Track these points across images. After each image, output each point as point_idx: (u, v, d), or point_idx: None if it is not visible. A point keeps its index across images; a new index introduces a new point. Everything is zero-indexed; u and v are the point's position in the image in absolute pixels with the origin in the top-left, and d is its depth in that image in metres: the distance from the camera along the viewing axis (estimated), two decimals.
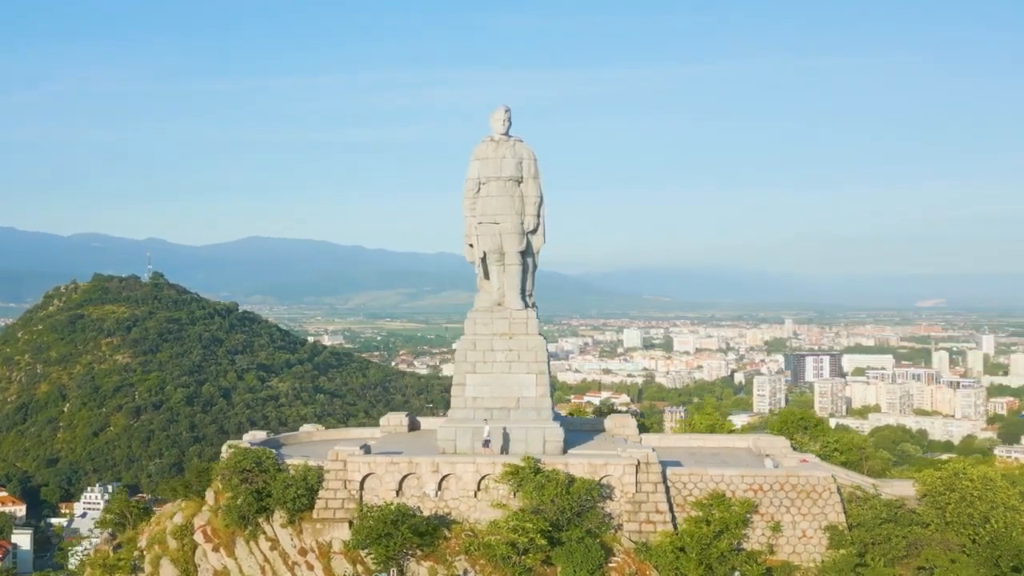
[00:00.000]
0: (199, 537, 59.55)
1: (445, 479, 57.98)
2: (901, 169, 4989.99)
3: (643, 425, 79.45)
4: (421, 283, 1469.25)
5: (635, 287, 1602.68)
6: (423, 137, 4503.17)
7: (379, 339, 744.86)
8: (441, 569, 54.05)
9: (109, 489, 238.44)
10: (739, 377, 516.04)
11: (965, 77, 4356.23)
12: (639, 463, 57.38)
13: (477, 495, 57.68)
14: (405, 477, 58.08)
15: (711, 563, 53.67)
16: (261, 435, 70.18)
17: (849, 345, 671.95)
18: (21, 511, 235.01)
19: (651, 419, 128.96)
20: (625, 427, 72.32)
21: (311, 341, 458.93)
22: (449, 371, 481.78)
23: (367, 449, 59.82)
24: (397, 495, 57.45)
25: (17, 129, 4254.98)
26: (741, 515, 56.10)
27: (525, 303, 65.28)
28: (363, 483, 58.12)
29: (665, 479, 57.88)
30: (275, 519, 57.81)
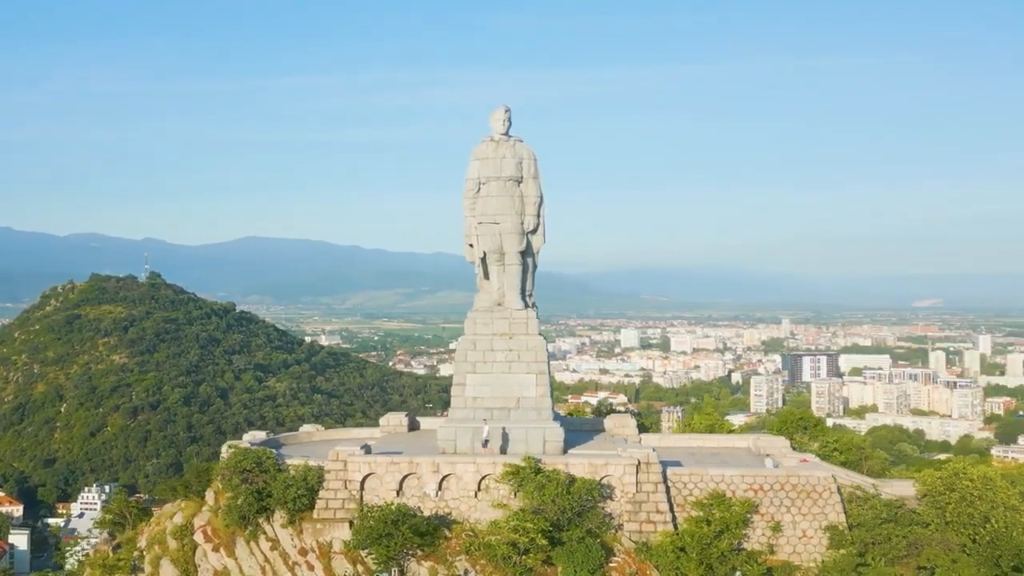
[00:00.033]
0: (199, 537, 59.52)
1: (446, 479, 58.00)
2: (901, 169, 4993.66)
3: (642, 425, 79.39)
4: (418, 283, 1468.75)
5: (634, 287, 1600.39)
6: (422, 137, 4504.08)
7: (376, 339, 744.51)
8: (442, 569, 54.07)
9: (106, 489, 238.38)
10: (736, 377, 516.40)
11: (965, 77, 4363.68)
12: (639, 463, 57.43)
13: (477, 495, 57.70)
14: (405, 477, 58.09)
15: (712, 563, 53.76)
16: (261, 435, 70.14)
17: (846, 345, 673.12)
18: (18, 511, 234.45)
19: (648, 419, 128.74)
20: (625, 427, 72.37)
21: (308, 341, 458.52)
22: (446, 371, 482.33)
23: (367, 449, 59.80)
24: (397, 495, 57.46)
25: (14, 129, 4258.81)
26: (741, 515, 56.17)
27: (525, 303, 65.30)
28: (363, 483, 58.12)
29: (665, 479, 57.93)
30: (275, 519, 57.79)
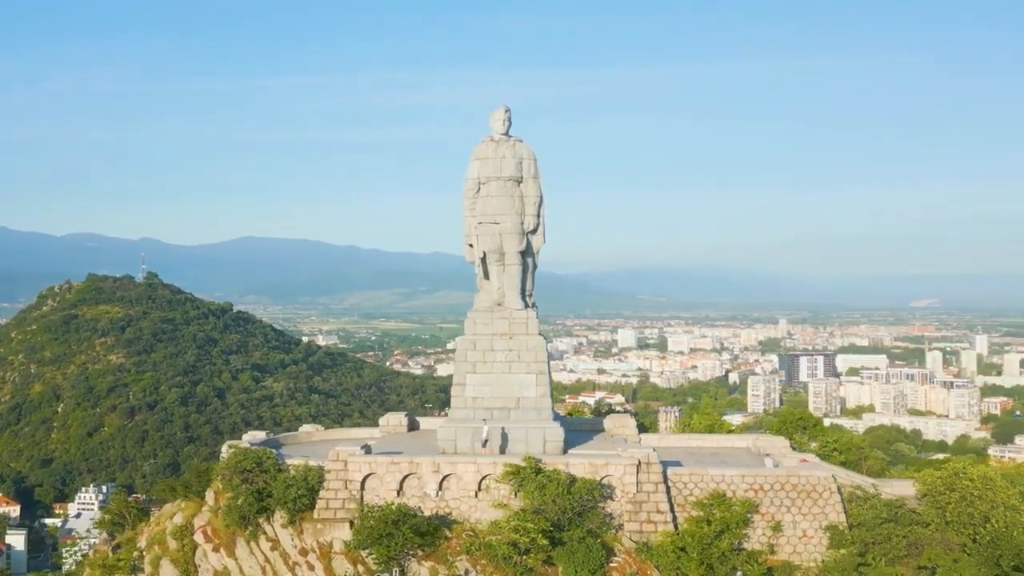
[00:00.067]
0: (199, 537, 59.47)
1: (446, 479, 58.00)
2: (901, 169, 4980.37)
3: (641, 425, 79.45)
4: (416, 283, 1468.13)
5: (633, 287, 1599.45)
6: (422, 137, 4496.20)
7: (374, 339, 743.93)
8: (442, 569, 54.07)
9: (103, 490, 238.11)
10: (733, 377, 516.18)
11: (965, 77, 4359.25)
12: (640, 463, 57.46)
13: (478, 495, 57.72)
14: (406, 477, 58.07)
15: (712, 563, 53.82)
16: (261, 435, 70.09)
17: (843, 345, 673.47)
18: (15, 511, 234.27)
19: (646, 419, 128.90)
20: (624, 427, 72.41)
21: (306, 341, 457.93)
22: (444, 371, 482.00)
23: (368, 449, 59.78)
24: (398, 495, 57.46)
25: (11, 129, 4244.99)
26: (742, 515, 56.24)
27: (525, 303, 65.30)
28: (364, 483, 58.10)
29: (666, 479, 57.96)
30: (276, 519, 57.76)
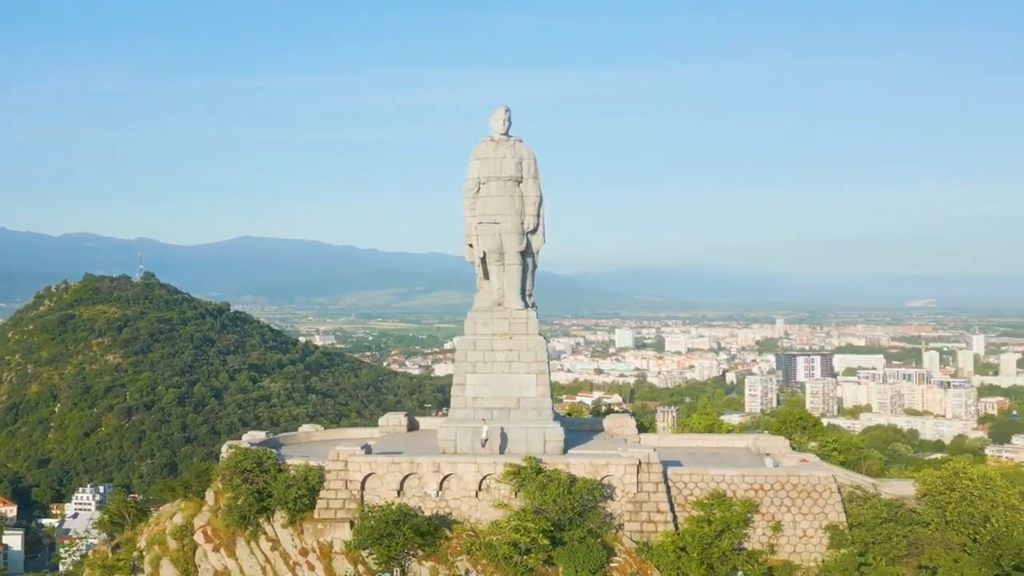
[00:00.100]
0: (199, 537, 59.41)
1: (446, 479, 57.98)
2: (901, 169, 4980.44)
3: (640, 425, 79.48)
4: (413, 283, 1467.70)
5: (632, 287, 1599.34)
6: (421, 137, 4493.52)
7: (371, 339, 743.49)
8: (443, 569, 54.06)
9: (100, 490, 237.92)
10: (730, 377, 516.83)
11: (965, 77, 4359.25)
12: (640, 463, 57.48)
13: (478, 495, 57.71)
14: (406, 477, 58.05)
15: (712, 563, 53.84)
16: (260, 435, 69.99)
17: (840, 345, 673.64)
18: (12, 512, 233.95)
19: (643, 419, 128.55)
20: (624, 427, 72.43)
21: (303, 341, 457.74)
22: (441, 371, 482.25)
23: (368, 449, 59.75)
24: (398, 495, 57.43)
25: (7, 129, 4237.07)
26: (742, 515, 56.27)
27: (525, 303, 65.33)
28: (364, 483, 58.07)
29: (666, 479, 57.98)
30: (276, 519, 57.73)
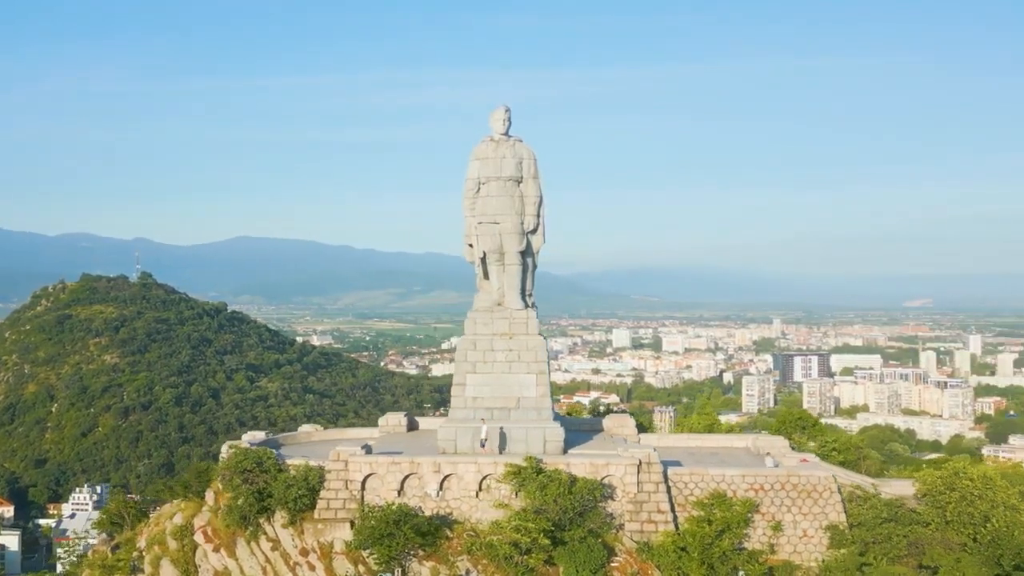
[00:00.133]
0: (199, 538, 59.35)
1: (447, 479, 57.97)
2: (901, 169, 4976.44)
3: (640, 425, 79.54)
4: (410, 283, 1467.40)
5: (631, 288, 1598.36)
6: (421, 137, 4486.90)
7: (368, 339, 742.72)
8: (443, 569, 54.06)
9: (98, 490, 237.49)
10: (728, 377, 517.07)
11: (965, 77, 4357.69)
12: (641, 463, 57.50)
13: (479, 495, 57.73)
14: (407, 477, 58.04)
15: (713, 562, 53.90)
16: (260, 435, 69.91)
17: (837, 345, 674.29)
18: (9, 512, 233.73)
19: (640, 419, 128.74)
20: (624, 427, 72.48)
21: (300, 341, 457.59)
22: (439, 371, 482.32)
23: (368, 449, 59.72)
24: (399, 495, 57.43)
25: (7, 129, 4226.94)
26: (742, 515, 56.33)
27: (525, 303, 65.34)
28: (365, 483, 58.06)
29: (666, 479, 58.01)
30: (276, 519, 57.69)
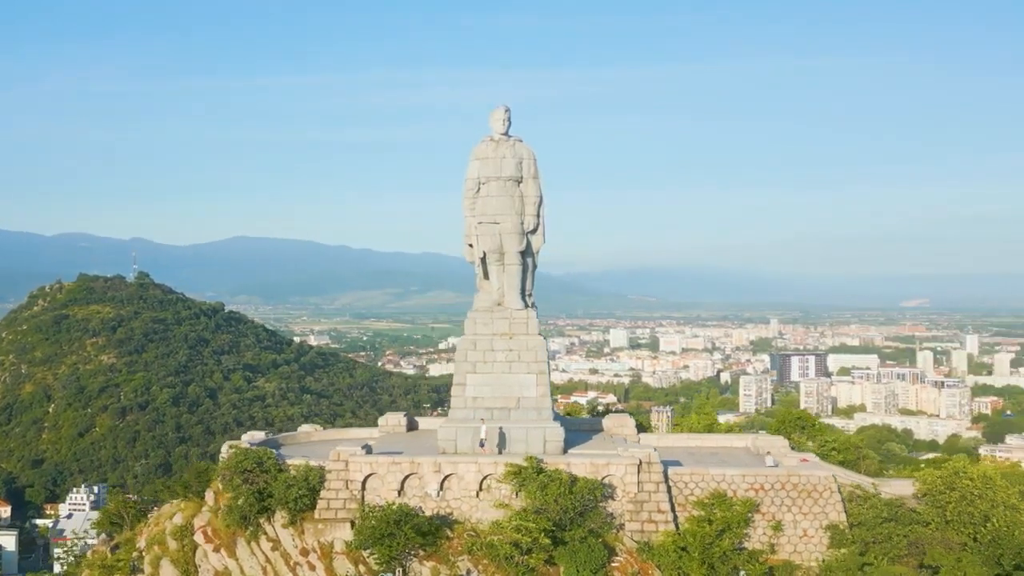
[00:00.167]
0: (199, 538, 59.29)
1: (447, 479, 57.95)
2: (901, 169, 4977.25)
3: (640, 425, 79.59)
4: (407, 283, 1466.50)
5: (629, 288, 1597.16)
6: (421, 137, 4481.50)
7: (365, 339, 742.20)
8: (444, 569, 54.05)
9: (95, 490, 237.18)
10: (725, 377, 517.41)
11: (965, 77, 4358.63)
12: (641, 463, 57.51)
13: (479, 495, 57.71)
14: (407, 477, 58.01)
15: (713, 562, 53.92)
16: (260, 435, 69.81)
17: (834, 345, 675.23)
18: (6, 512, 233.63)
19: (638, 419, 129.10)
20: (623, 427, 72.51)
21: (297, 341, 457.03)
22: (436, 371, 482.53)
23: (369, 449, 59.70)
24: (399, 495, 57.41)
25: (6, 128, 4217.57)
26: (743, 514, 56.36)
27: (525, 303, 65.32)
28: (365, 483, 58.02)
29: (667, 479, 58.03)
30: (276, 519, 57.65)
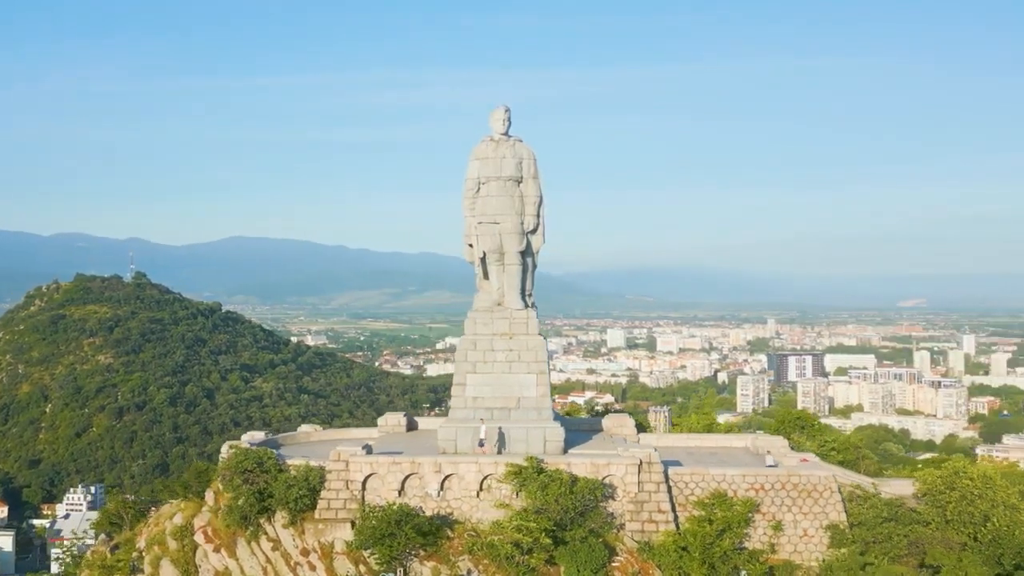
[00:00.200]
0: (199, 538, 59.22)
1: (448, 479, 57.92)
2: (901, 169, 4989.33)
3: (639, 425, 79.63)
4: (404, 283, 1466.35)
5: (628, 288, 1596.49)
6: (420, 137, 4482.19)
7: (362, 339, 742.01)
8: (444, 569, 54.02)
9: (92, 490, 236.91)
10: (722, 377, 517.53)
11: (965, 77, 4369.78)
12: (641, 463, 57.53)
13: (480, 495, 57.68)
14: (407, 477, 57.97)
15: (714, 562, 53.94)
16: (260, 435, 69.72)
17: (831, 345, 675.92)
18: (3, 512, 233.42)
19: (636, 419, 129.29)
20: (623, 427, 72.54)
21: (294, 341, 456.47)
22: (433, 371, 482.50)
23: (369, 449, 59.66)
24: (399, 495, 57.38)
25: (6, 128, 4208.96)
26: (743, 514, 56.39)
27: (525, 303, 65.32)
28: (365, 483, 57.98)
29: (667, 478, 58.05)
30: (277, 519, 57.61)
